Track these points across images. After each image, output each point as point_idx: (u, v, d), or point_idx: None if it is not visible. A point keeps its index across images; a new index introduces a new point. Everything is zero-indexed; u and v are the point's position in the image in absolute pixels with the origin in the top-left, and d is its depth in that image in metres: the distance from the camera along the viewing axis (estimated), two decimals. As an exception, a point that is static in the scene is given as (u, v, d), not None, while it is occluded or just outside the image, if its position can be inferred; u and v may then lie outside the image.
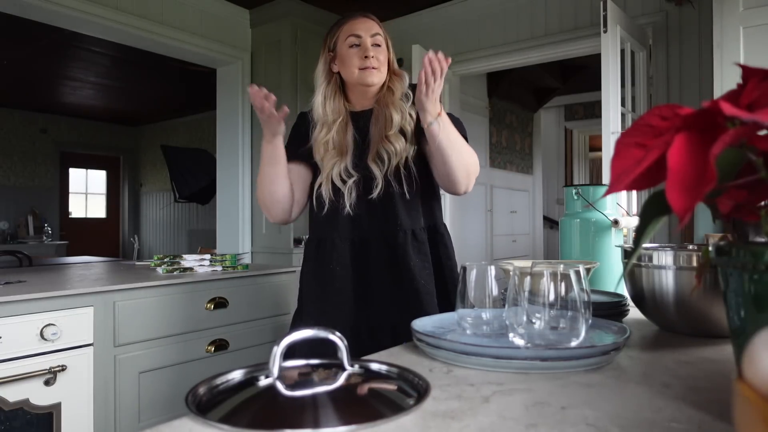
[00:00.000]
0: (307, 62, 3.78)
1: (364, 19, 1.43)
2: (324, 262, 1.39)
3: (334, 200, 1.37)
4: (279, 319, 2.24)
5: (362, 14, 1.44)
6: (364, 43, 1.39)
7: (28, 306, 1.53)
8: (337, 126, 1.41)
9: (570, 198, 1.36)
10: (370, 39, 1.40)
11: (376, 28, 1.42)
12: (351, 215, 1.35)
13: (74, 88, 6.30)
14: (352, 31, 1.40)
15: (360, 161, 1.39)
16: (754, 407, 0.24)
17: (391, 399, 0.58)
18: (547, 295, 0.68)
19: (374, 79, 1.40)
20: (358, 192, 1.36)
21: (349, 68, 1.41)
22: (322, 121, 1.43)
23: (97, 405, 1.67)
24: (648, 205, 0.50)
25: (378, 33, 1.42)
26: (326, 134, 1.40)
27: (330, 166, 1.37)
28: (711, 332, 0.83)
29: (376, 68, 1.39)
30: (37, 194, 7.49)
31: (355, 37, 1.40)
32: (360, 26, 1.40)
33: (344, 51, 1.41)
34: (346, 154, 1.39)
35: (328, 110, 1.43)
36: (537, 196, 5.93)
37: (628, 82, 2.82)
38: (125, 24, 3.17)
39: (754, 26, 2.34)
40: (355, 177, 1.37)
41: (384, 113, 1.40)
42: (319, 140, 1.41)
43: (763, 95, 0.44)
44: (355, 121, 1.45)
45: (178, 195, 6.26)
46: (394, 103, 1.41)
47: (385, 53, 1.43)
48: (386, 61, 1.43)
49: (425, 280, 1.34)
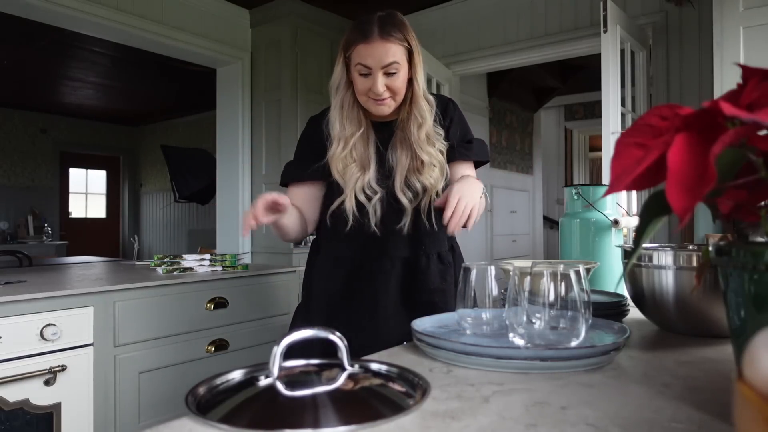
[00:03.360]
0: (307, 62, 3.78)
1: (379, 44, 1.20)
2: (341, 279, 1.32)
3: (358, 217, 1.27)
4: (279, 319, 2.24)
5: (380, 35, 1.21)
6: (374, 77, 1.22)
7: (28, 306, 1.53)
8: (356, 138, 1.29)
9: (570, 198, 1.36)
10: (381, 71, 1.22)
11: (392, 53, 1.21)
12: (376, 235, 1.27)
13: (74, 88, 6.30)
14: (362, 60, 1.22)
15: (384, 177, 1.29)
16: (754, 407, 0.24)
17: (391, 399, 0.58)
18: (547, 295, 0.68)
19: (384, 110, 1.27)
20: (382, 210, 1.27)
21: (358, 95, 1.28)
22: (340, 136, 1.29)
23: (97, 405, 1.67)
24: (648, 205, 0.50)
25: (394, 61, 1.21)
26: (344, 149, 1.28)
27: (353, 181, 1.27)
28: (711, 332, 0.83)
29: (387, 100, 1.26)
30: (37, 194, 7.49)
31: (364, 67, 1.22)
32: (372, 54, 1.21)
33: (354, 75, 1.26)
34: (369, 168, 1.29)
35: (347, 122, 1.29)
36: (537, 196, 5.93)
37: (628, 82, 2.82)
38: (125, 24, 3.17)
39: (754, 26, 2.34)
40: (380, 193, 1.27)
41: (411, 147, 1.28)
42: (337, 156, 1.29)
43: (763, 95, 0.44)
44: (377, 131, 1.33)
45: (178, 195, 6.26)
46: (419, 142, 1.28)
47: (404, 78, 1.26)
48: (404, 86, 1.26)
49: (443, 302, 1.28)
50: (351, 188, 1.27)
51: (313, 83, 3.80)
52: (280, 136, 3.75)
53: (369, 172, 1.29)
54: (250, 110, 3.92)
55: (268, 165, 3.83)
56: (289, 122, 3.69)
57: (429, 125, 1.30)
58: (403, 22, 1.25)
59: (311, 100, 3.78)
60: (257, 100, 3.89)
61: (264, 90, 3.84)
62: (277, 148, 3.77)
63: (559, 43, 3.38)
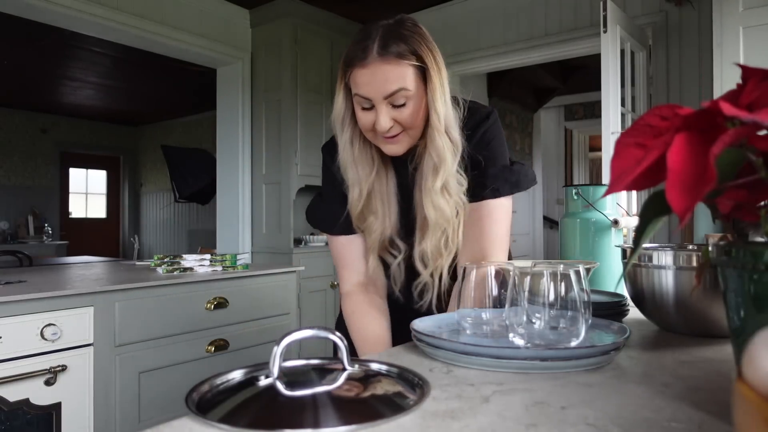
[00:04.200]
0: (307, 62, 3.78)
1: (378, 67, 0.93)
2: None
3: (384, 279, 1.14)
4: (279, 319, 2.24)
5: (380, 54, 0.93)
6: (377, 112, 0.96)
7: (29, 306, 1.53)
8: (372, 182, 1.06)
9: (570, 198, 1.36)
10: (384, 102, 0.95)
11: (396, 78, 0.93)
12: (400, 302, 1.12)
13: (74, 88, 6.31)
14: (359, 90, 0.96)
15: (407, 230, 1.10)
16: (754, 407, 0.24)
17: (391, 399, 0.58)
18: (547, 295, 0.68)
19: (397, 150, 1.01)
20: (406, 273, 1.11)
21: (363, 130, 1.02)
22: (353, 181, 1.06)
23: (97, 405, 1.67)
24: (648, 205, 0.50)
25: (400, 88, 0.94)
26: (360, 198, 1.06)
27: (374, 240, 1.08)
28: (711, 332, 0.83)
29: (399, 137, 0.99)
30: (38, 194, 7.49)
31: (363, 99, 0.96)
32: (369, 81, 0.94)
33: (355, 107, 1.01)
34: (389, 219, 1.08)
35: (359, 165, 1.05)
36: (537, 196, 5.93)
37: (627, 82, 2.82)
38: (125, 24, 3.17)
39: (754, 26, 2.34)
40: (403, 252, 1.10)
41: (421, 199, 1.04)
42: (354, 208, 1.07)
43: (763, 95, 0.44)
44: (398, 169, 1.10)
45: (178, 195, 6.27)
46: (430, 193, 1.01)
47: (416, 108, 0.97)
48: (418, 116, 0.98)
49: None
50: (373, 248, 1.09)
51: (313, 83, 3.80)
52: (280, 136, 3.75)
53: (389, 226, 1.08)
54: (250, 110, 3.92)
55: (268, 165, 3.83)
56: (289, 122, 3.69)
57: (449, 171, 1.00)
58: (414, 31, 0.97)
59: (311, 100, 3.79)
60: (257, 100, 3.89)
61: (264, 90, 3.85)
62: (277, 148, 3.77)
63: (559, 43, 3.38)
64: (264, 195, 3.86)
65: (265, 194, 3.85)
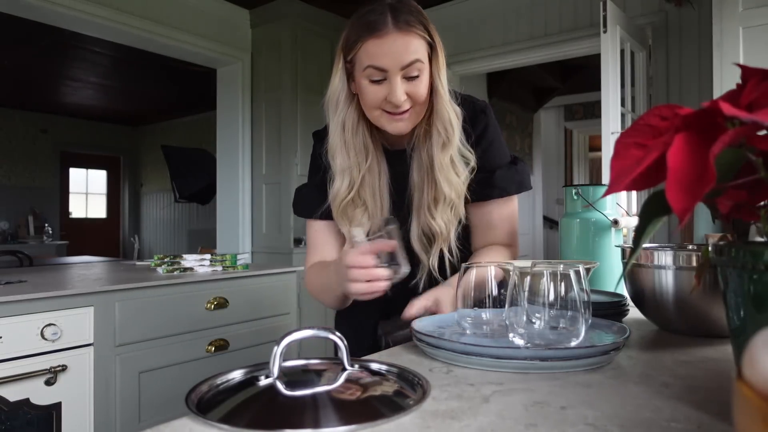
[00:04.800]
0: (307, 62, 3.78)
1: (396, 37, 0.92)
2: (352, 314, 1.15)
3: None
4: (279, 319, 2.24)
5: (396, 25, 0.92)
6: (392, 84, 0.93)
7: (29, 306, 1.53)
8: (363, 173, 1.02)
9: (570, 198, 1.36)
10: (401, 73, 0.93)
11: (414, 48, 0.93)
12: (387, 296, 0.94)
13: (74, 88, 6.31)
14: (374, 61, 0.93)
15: (399, 221, 1.02)
16: (754, 407, 0.24)
17: (391, 399, 0.58)
18: (547, 295, 0.68)
19: (402, 128, 0.98)
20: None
21: (367, 108, 0.98)
22: (342, 168, 1.01)
23: (97, 405, 1.67)
24: (648, 205, 0.50)
25: (416, 59, 0.93)
26: (349, 189, 1.01)
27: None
28: (711, 332, 0.83)
29: (407, 113, 0.97)
30: (38, 194, 7.49)
31: (377, 71, 0.93)
32: (387, 51, 0.92)
33: (362, 82, 0.96)
34: (380, 213, 1.04)
35: (350, 151, 1.01)
36: (537, 196, 5.93)
37: (627, 82, 2.82)
38: (125, 24, 3.17)
39: (753, 26, 2.34)
40: None
41: (432, 176, 1.01)
42: (339, 198, 1.02)
43: (763, 95, 0.44)
44: (390, 160, 1.07)
45: (179, 195, 6.27)
46: (441, 168, 1.00)
47: (427, 83, 0.97)
48: (427, 93, 0.97)
49: None
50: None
51: (313, 83, 3.80)
52: (280, 136, 3.75)
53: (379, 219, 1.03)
54: (250, 110, 3.92)
55: (268, 165, 3.84)
56: (289, 122, 3.69)
57: (456, 145, 1.01)
58: (419, 9, 0.97)
59: (311, 100, 3.79)
60: (257, 100, 3.90)
61: (264, 90, 3.85)
62: (277, 148, 3.77)
63: (559, 43, 3.38)
64: (264, 195, 3.86)
65: (265, 194, 3.85)
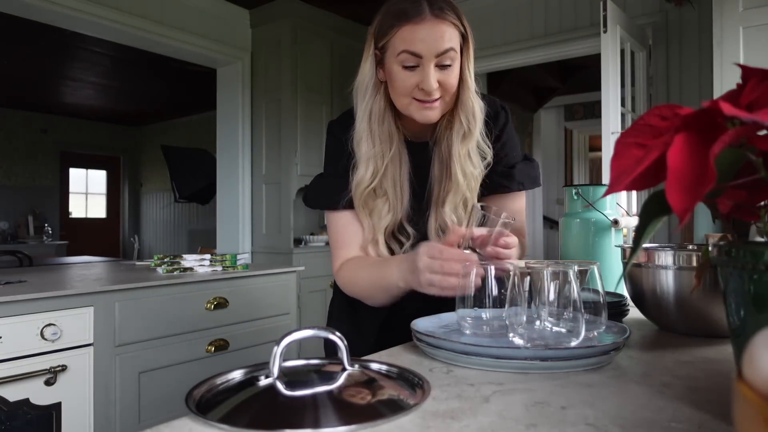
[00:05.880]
0: (307, 62, 3.78)
1: (433, 24, 0.93)
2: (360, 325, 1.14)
3: None
4: (279, 319, 2.24)
5: (433, 12, 0.94)
6: (426, 70, 0.94)
7: (29, 306, 1.53)
8: (387, 162, 1.02)
9: (570, 198, 1.36)
10: (435, 61, 0.95)
11: (449, 37, 0.94)
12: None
13: (74, 88, 6.31)
14: (410, 46, 0.94)
15: (420, 213, 1.07)
16: (754, 407, 0.24)
17: (391, 399, 0.58)
18: (547, 295, 0.68)
19: (432, 116, 0.99)
20: None
21: (397, 95, 0.99)
22: (368, 157, 1.02)
23: (97, 405, 1.67)
24: (648, 205, 0.50)
25: (450, 48, 0.95)
26: (372, 178, 1.02)
27: (382, 225, 1.03)
28: (711, 332, 0.83)
29: (437, 102, 0.98)
30: (37, 194, 7.49)
31: (411, 56, 0.94)
32: (424, 37, 0.93)
33: (394, 68, 0.97)
34: (401, 204, 1.04)
35: (376, 139, 1.02)
36: (537, 196, 5.93)
37: (627, 82, 2.82)
38: (125, 24, 3.17)
39: (754, 26, 2.34)
40: (413, 239, 1.05)
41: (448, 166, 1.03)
42: (362, 186, 1.02)
43: (763, 95, 0.44)
44: (412, 152, 1.07)
45: (179, 195, 6.27)
46: (459, 159, 1.02)
47: (458, 73, 0.98)
48: (456, 83, 0.99)
49: None
50: (379, 232, 1.04)
51: (313, 83, 3.80)
52: (280, 136, 3.75)
53: (401, 210, 1.04)
54: (250, 110, 3.92)
55: (268, 165, 3.84)
56: (289, 122, 3.69)
57: (476, 137, 1.03)
58: (451, 1, 0.99)
59: (311, 100, 3.79)
60: (257, 100, 3.90)
61: (264, 90, 3.85)
62: (277, 148, 3.77)
63: (559, 43, 3.38)
64: (264, 195, 3.86)
65: (265, 194, 3.85)
